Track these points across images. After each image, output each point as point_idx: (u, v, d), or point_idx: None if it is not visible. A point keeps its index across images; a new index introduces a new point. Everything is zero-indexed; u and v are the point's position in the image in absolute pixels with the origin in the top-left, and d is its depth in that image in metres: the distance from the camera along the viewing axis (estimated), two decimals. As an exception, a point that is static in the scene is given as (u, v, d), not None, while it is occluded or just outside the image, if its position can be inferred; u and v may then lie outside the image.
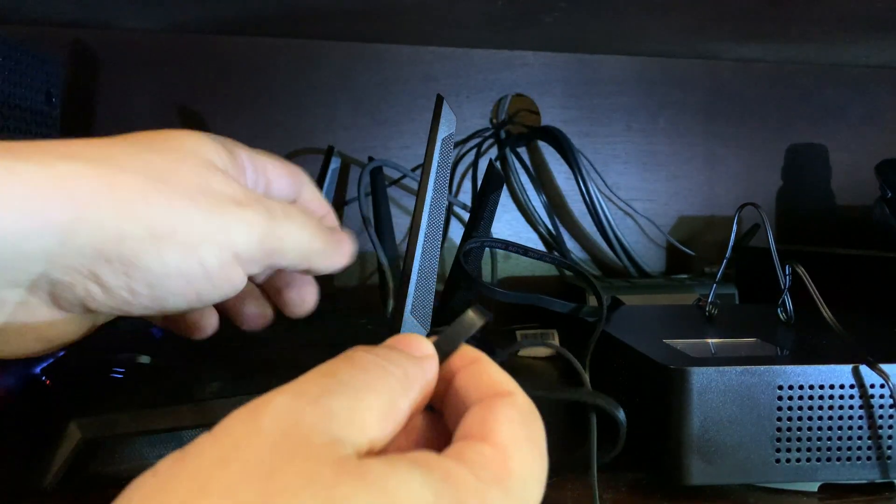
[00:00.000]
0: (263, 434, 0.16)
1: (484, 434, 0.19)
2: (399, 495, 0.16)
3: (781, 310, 0.45)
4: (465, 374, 0.21)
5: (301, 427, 0.16)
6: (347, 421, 0.17)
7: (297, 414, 0.17)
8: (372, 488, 0.15)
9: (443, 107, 0.37)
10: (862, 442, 0.35)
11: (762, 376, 0.34)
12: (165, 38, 0.73)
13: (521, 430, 0.19)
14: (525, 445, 0.19)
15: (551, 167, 0.82)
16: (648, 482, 0.37)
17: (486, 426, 0.19)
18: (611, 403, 0.23)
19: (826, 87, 0.87)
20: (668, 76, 0.83)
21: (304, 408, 0.17)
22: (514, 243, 0.50)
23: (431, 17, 0.67)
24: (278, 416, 0.17)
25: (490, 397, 0.20)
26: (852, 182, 0.87)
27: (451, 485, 0.17)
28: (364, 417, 0.18)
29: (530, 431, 0.20)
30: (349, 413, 0.18)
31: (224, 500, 0.14)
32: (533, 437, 0.20)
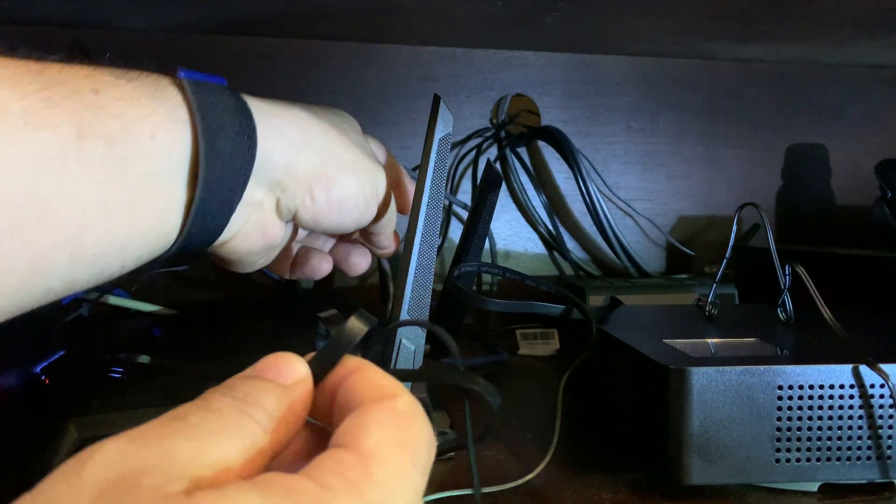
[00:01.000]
0: (86, 487, 0.15)
1: (349, 441, 0.18)
2: None
3: (781, 310, 0.45)
4: (347, 384, 0.20)
5: (129, 473, 0.15)
6: (192, 460, 0.16)
7: (127, 460, 0.16)
8: None
9: (440, 106, 0.37)
10: (862, 442, 0.35)
11: (762, 376, 0.34)
12: (165, 38, 0.73)
13: (393, 433, 0.18)
14: (395, 449, 0.18)
15: (551, 167, 0.82)
16: (648, 482, 0.37)
17: (352, 433, 0.18)
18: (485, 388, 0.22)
19: (826, 87, 0.87)
20: (668, 76, 0.83)
21: (137, 451, 0.16)
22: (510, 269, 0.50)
23: (431, 17, 0.67)
24: (105, 464, 0.16)
25: (367, 403, 0.19)
26: (852, 182, 0.87)
27: (293, 500, 0.16)
28: (213, 457, 0.17)
29: (405, 434, 0.19)
30: (195, 454, 0.16)
31: None
32: (408, 440, 0.19)
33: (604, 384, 0.44)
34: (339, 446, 0.18)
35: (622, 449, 0.41)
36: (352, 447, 0.18)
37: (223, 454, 0.17)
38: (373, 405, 0.19)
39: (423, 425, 0.19)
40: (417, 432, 0.19)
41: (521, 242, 0.82)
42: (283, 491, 0.16)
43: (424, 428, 0.19)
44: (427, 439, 0.19)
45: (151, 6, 0.64)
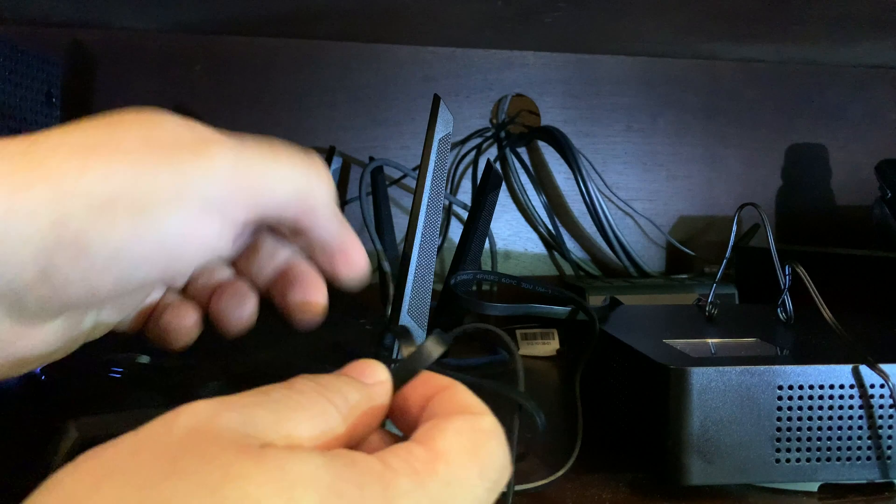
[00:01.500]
0: (176, 429, 0.16)
1: (424, 439, 0.19)
2: (293, 474, 0.16)
3: (781, 310, 0.45)
4: (436, 399, 0.21)
5: (214, 426, 0.17)
6: (270, 429, 0.17)
7: (214, 415, 0.17)
8: (268, 466, 0.16)
9: (440, 107, 0.37)
10: (862, 442, 0.35)
11: (762, 376, 0.34)
12: (165, 38, 0.73)
13: (467, 443, 0.19)
14: (465, 457, 0.18)
15: (551, 167, 0.82)
16: (648, 482, 0.37)
17: (429, 433, 0.19)
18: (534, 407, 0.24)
19: (826, 87, 0.87)
20: (668, 76, 0.83)
21: (223, 412, 0.17)
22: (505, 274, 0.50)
23: (431, 17, 0.67)
24: (195, 415, 0.17)
25: (452, 413, 0.20)
26: (852, 182, 0.87)
27: (356, 471, 0.17)
28: (289, 430, 0.18)
29: (479, 448, 0.19)
30: (273, 424, 0.17)
31: (127, 481, 0.15)
32: (482, 453, 0.19)
33: (604, 384, 0.44)
34: (414, 440, 0.19)
35: (622, 449, 0.41)
36: (425, 444, 0.18)
37: (298, 430, 0.18)
38: (456, 415, 0.20)
39: (501, 447, 0.20)
40: (493, 450, 0.19)
41: (521, 242, 0.82)
42: (349, 460, 0.17)
43: (501, 450, 0.20)
44: (501, 460, 0.19)
45: (151, 6, 0.64)
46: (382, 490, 0.17)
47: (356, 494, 0.16)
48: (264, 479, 0.15)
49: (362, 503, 0.16)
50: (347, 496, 0.16)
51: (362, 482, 0.16)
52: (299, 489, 0.15)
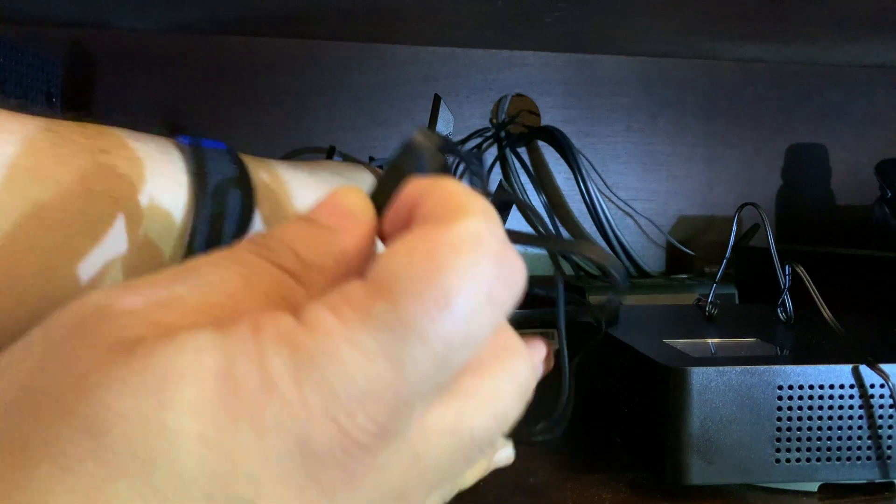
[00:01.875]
0: (66, 320, 0.14)
1: (372, 269, 0.14)
2: (167, 368, 0.12)
3: (781, 310, 0.45)
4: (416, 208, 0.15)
5: (101, 314, 0.14)
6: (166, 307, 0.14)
7: (109, 300, 0.14)
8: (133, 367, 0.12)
9: (440, 106, 0.36)
10: (862, 442, 0.35)
11: (762, 376, 0.34)
12: (165, 38, 0.73)
13: (420, 265, 0.13)
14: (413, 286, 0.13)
15: (551, 167, 0.82)
16: (648, 482, 0.37)
17: (379, 258, 0.14)
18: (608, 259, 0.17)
19: (826, 86, 0.87)
20: (668, 76, 0.83)
21: (122, 292, 0.14)
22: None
23: (431, 17, 0.67)
24: (84, 305, 0.14)
25: (418, 223, 0.15)
26: (852, 182, 0.87)
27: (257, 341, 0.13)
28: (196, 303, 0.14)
29: (438, 270, 0.13)
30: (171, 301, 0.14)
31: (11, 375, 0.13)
32: (440, 279, 0.13)
33: (604, 384, 0.44)
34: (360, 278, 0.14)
35: (622, 449, 0.41)
36: (368, 277, 0.14)
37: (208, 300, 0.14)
38: (423, 227, 0.14)
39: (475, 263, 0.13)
40: (461, 271, 0.13)
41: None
42: (249, 329, 0.13)
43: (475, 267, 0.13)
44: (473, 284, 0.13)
45: (151, 6, 0.64)
46: (292, 359, 0.13)
47: (254, 374, 0.12)
48: (128, 384, 0.12)
49: (264, 384, 0.12)
50: (243, 379, 0.12)
51: (263, 356, 0.13)
52: (169, 390, 0.12)
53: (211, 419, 0.12)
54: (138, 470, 0.12)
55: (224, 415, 0.12)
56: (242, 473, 0.12)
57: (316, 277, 0.15)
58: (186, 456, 0.12)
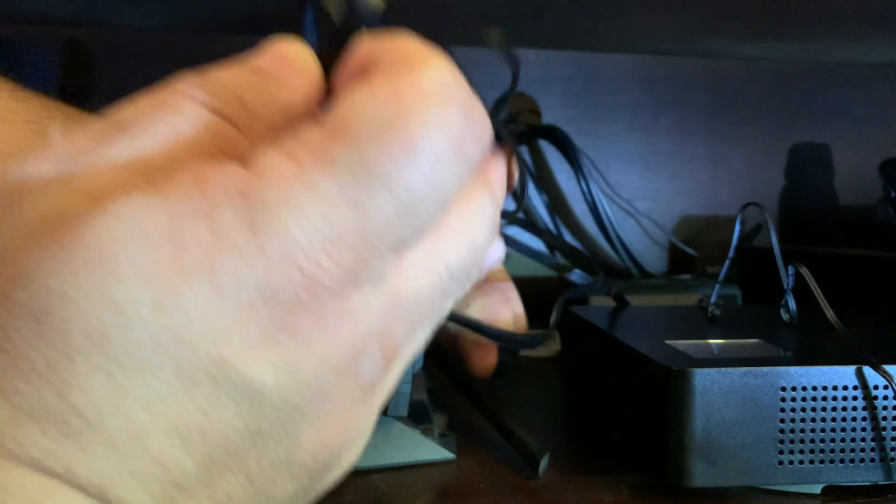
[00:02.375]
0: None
1: (335, 114, 0.13)
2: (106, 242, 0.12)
3: (784, 310, 0.44)
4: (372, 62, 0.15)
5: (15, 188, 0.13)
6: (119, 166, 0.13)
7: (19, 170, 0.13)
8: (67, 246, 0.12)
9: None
10: (865, 444, 0.34)
11: (765, 378, 0.34)
12: (164, 37, 0.73)
13: (385, 110, 0.12)
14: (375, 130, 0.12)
15: (552, 166, 0.82)
16: (650, 484, 0.36)
17: (336, 103, 0.13)
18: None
19: (830, 86, 0.86)
20: (671, 75, 0.83)
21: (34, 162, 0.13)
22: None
23: (432, 16, 0.66)
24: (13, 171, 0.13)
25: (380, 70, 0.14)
26: (856, 182, 0.87)
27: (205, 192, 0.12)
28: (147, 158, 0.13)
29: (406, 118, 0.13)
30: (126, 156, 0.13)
31: None
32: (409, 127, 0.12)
33: (605, 385, 0.44)
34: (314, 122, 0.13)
35: (624, 451, 0.41)
36: (327, 121, 0.13)
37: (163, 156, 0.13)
38: (386, 74, 0.13)
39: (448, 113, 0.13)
40: (430, 120, 0.13)
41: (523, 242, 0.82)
42: (193, 181, 0.12)
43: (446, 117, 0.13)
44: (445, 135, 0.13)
45: (150, 5, 0.64)
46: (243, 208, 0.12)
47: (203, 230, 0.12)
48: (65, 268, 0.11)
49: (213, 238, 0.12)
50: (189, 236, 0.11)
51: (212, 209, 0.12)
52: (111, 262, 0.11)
53: (162, 284, 0.11)
54: (94, 347, 0.11)
55: (176, 277, 0.11)
56: (206, 333, 0.12)
57: (261, 129, 0.14)
58: (143, 326, 0.11)
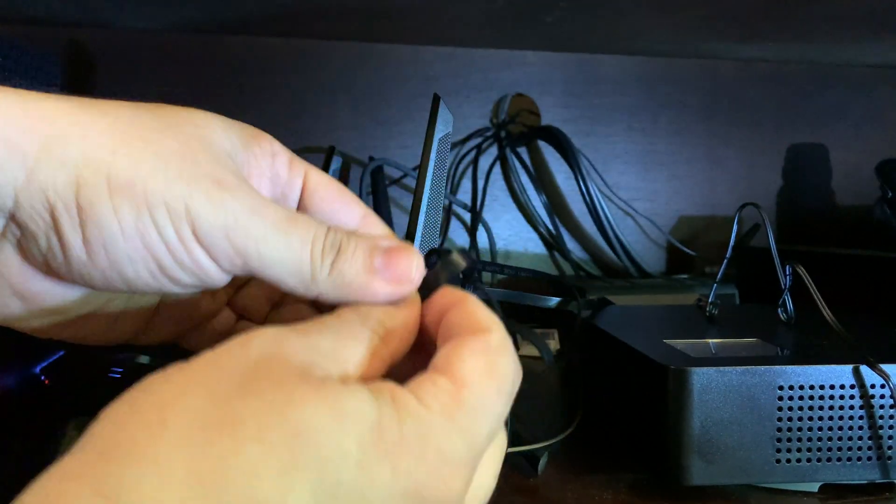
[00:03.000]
0: (250, 352, 0.19)
1: (445, 367, 0.21)
2: (346, 408, 0.18)
3: (782, 310, 0.45)
4: (451, 314, 0.23)
5: (282, 352, 0.19)
6: (329, 356, 0.20)
7: (283, 341, 0.20)
8: (325, 397, 0.18)
9: (440, 106, 0.36)
10: (862, 442, 0.35)
11: (763, 376, 0.34)
12: (165, 38, 0.73)
13: (483, 364, 0.21)
14: (484, 380, 0.21)
15: (551, 167, 0.82)
16: (649, 482, 0.37)
17: (448, 360, 0.21)
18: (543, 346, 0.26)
19: (827, 86, 0.87)
20: (669, 76, 0.83)
21: (290, 338, 0.20)
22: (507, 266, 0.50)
23: (432, 16, 0.67)
24: (265, 341, 0.19)
25: (464, 334, 0.22)
26: (853, 182, 0.87)
27: (396, 408, 0.19)
28: (346, 357, 0.20)
29: (494, 367, 0.21)
30: (332, 351, 0.20)
31: (207, 393, 0.18)
32: (496, 371, 0.21)
33: (604, 384, 0.44)
34: (436, 370, 0.21)
35: (623, 449, 0.41)
36: (447, 373, 0.21)
37: (350, 357, 0.21)
38: (468, 337, 0.21)
39: (511, 359, 0.22)
40: (505, 366, 0.21)
41: (521, 242, 0.82)
42: (390, 398, 0.19)
43: (512, 362, 0.22)
44: (513, 372, 0.22)
45: (151, 6, 0.64)
46: (417, 428, 0.19)
47: (396, 431, 0.19)
48: (322, 409, 0.18)
49: (400, 440, 0.19)
50: (388, 433, 0.19)
51: (401, 420, 0.19)
52: (349, 422, 0.18)
53: (367, 452, 0.18)
54: (316, 470, 0.17)
55: (375, 452, 0.18)
56: (376, 497, 0.18)
57: (393, 341, 0.22)
58: (347, 471, 0.18)
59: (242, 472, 0.17)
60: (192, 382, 0.18)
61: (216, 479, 0.16)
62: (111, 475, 0.16)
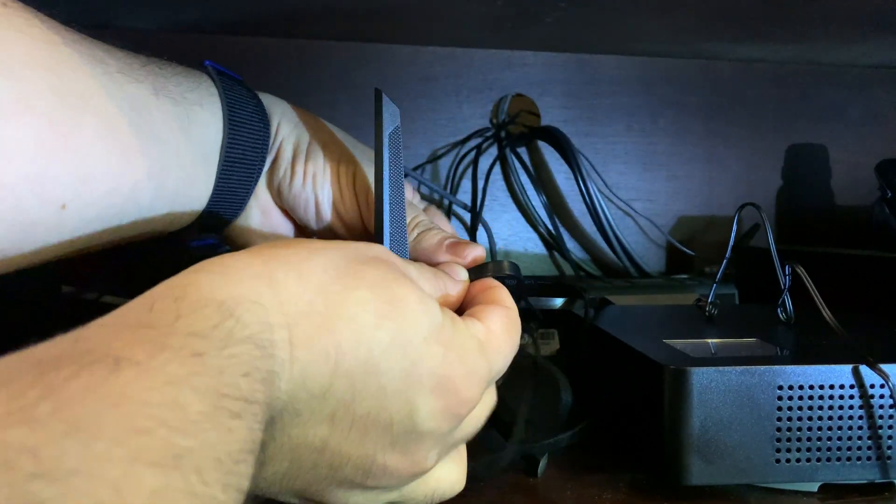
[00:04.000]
0: (370, 250, 0.28)
1: (481, 316, 0.29)
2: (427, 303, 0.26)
3: (781, 310, 0.45)
4: (485, 293, 0.32)
5: (387, 259, 0.28)
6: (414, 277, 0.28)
7: (387, 255, 0.28)
8: (415, 292, 0.26)
9: (383, 101, 0.36)
10: (862, 442, 0.35)
11: (762, 376, 0.34)
12: (165, 38, 0.73)
13: (506, 325, 0.30)
14: (506, 335, 0.29)
15: (551, 167, 0.82)
16: (648, 482, 0.37)
17: (484, 313, 0.30)
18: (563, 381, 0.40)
19: (826, 86, 0.87)
20: (668, 76, 0.83)
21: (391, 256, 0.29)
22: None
23: (431, 17, 0.67)
24: (382, 250, 0.28)
25: (495, 304, 0.31)
26: (852, 182, 0.87)
27: (454, 324, 0.27)
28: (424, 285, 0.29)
29: (511, 330, 0.30)
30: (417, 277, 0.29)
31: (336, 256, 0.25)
32: (512, 335, 0.30)
33: (604, 384, 0.44)
34: (473, 316, 0.29)
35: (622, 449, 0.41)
36: (483, 321, 0.29)
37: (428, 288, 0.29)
38: (501, 306, 0.31)
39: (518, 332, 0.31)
40: (516, 333, 0.30)
41: (521, 242, 0.82)
42: (453, 318, 0.28)
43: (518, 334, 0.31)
44: (517, 342, 0.30)
45: (151, 6, 0.64)
46: (463, 342, 0.27)
47: (451, 336, 0.26)
48: (413, 296, 0.26)
49: (452, 342, 0.26)
50: (446, 334, 0.26)
51: (455, 332, 0.27)
52: (426, 312, 0.26)
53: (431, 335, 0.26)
54: (399, 324, 0.25)
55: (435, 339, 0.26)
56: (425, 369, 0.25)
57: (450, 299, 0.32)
58: (416, 338, 0.25)
59: (353, 302, 0.24)
60: (331, 248, 0.26)
61: (335, 300, 0.24)
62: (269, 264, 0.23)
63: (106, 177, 0.29)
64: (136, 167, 0.30)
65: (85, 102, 0.29)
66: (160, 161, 0.31)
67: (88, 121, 0.28)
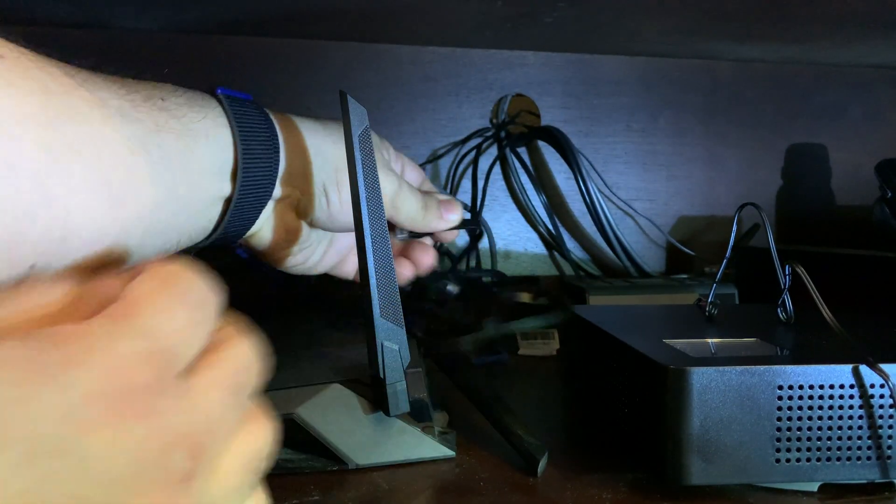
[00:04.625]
0: None
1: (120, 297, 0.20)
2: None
3: (781, 310, 0.45)
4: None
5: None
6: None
7: None
8: None
9: (349, 103, 0.38)
10: (862, 442, 0.35)
11: (762, 376, 0.34)
12: (165, 38, 0.73)
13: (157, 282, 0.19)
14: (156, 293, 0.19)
15: (551, 167, 0.82)
16: (648, 482, 0.37)
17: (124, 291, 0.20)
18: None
19: (826, 86, 0.87)
20: (668, 76, 0.83)
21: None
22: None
23: (431, 17, 0.67)
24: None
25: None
26: (852, 182, 0.87)
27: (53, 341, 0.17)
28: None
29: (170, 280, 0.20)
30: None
31: None
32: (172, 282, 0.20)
33: (604, 384, 0.44)
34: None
35: (622, 449, 0.41)
36: (120, 300, 0.19)
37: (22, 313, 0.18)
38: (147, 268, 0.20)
39: (197, 277, 0.20)
40: (188, 279, 0.20)
41: (521, 242, 0.82)
42: (48, 335, 0.17)
43: (198, 279, 0.20)
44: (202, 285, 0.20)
45: (151, 6, 0.64)
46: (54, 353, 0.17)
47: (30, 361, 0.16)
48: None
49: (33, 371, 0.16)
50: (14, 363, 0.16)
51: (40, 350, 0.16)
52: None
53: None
54: None
55: None
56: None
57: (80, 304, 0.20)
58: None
59: None
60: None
61: None
62: None
63: (90, 227, 0.28)
64: (127, 212, 0.29)
65: (75, 155, 0.27)
66: (153, 200, 0.31)
67: (77, 173, 0.27)
